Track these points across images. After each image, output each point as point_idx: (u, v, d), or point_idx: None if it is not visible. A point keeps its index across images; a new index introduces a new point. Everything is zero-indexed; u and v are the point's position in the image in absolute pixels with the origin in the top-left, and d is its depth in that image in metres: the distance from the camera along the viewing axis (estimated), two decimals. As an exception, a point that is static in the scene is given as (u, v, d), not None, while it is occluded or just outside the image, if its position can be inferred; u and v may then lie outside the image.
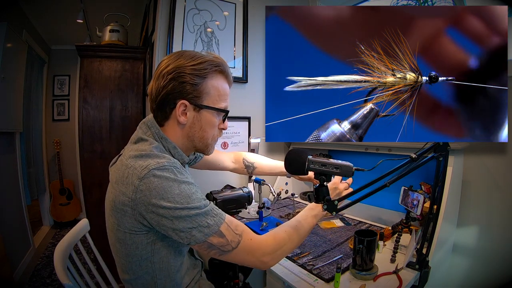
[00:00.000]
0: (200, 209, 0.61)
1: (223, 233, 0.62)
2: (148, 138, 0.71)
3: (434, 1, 1.38)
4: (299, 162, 0.73)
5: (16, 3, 2.19)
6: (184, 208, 0.59)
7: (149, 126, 0.72)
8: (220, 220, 0.63)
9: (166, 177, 0.60)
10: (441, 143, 0.74)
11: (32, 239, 2.45)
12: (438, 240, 0.92)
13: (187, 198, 0.60)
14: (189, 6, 1.52)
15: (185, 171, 0.66)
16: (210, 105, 0.71)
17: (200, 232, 0.60)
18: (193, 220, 0.60)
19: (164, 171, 0.61)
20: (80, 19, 2.24)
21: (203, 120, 0.72)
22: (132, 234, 0.64)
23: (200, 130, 0.73)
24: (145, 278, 0.70)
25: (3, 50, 1.87)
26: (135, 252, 0.66)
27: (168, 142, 0.72)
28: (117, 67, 1.91)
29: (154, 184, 0.59)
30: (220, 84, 0.73)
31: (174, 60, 0.69)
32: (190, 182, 0.64)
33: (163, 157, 0.64)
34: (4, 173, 2.05)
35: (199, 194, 0.64)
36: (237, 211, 0.93)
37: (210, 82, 0.70)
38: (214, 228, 0.61)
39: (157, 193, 0.58)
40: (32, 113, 2.74)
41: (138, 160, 0.63)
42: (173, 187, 0.60)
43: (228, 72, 0.75)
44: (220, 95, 0.73)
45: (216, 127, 0.76)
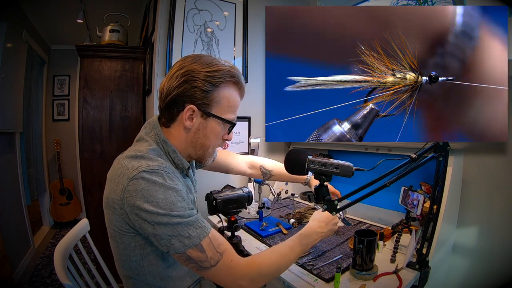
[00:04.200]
0: (183, 218, 0.59)
1: (203, 248, 0.60)
2: (148, 139, 0.70)
3: (434, 1, 1.38)
4: (299, 162, 0.73)
5: (16, 3, 2.19)
6: (166, 215, 0.57)
7: (153, 127, 0.72)
8: (203, 234, 0.61)
9: (154, 181, 0.59)
10: (441, 143, 0.74)
11: (32, 239, 2.45)
12: (438, 240, 0.92)
13: (171, 204, 0.59)
14: (189, 6, 1.52)
15: (176, 178, 0.65)
16: (218, 115, 0.70)
17: (179, 242, 0.58)
18: (174, 228, 0.58)
19: (154, 174, 0.60)
20: (80, 19, 2.24)
21: (208, 128, 0.71)
22: (121, 234, 0.65)
23: (203, 138, 0.72)
24: (136, 279, 0.70)
25: (3, 50, 1.87)
26: (125, 252, 0.67)
27: (168, 146, 0.71)
28: (117, 67, 1.91)
29: (141, 186, 0.58)
30: (231, 95, 0.72)
31: (190, 63, 0.68)
32: (178, 189, 0.62)
33: (156, 160, 0.64)
34: (4, 173, 2.05)
35: (185, 203, 0.62)
36: (237, 211, 0.93)
37: (222, 91, 0.70)
38: (195, 240, 0.59)
39: (142, 195, 0.58)
40: (32, 113, 2.74)
41: (132, 160, 0.63)
42: (159, 191, 0.59)
43: (242, 84, 0.74)
44: (230, 106, 0.72)
45: (220, 137, 0.75)
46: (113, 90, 1.89)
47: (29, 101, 2.59)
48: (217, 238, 0.63)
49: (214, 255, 0.60)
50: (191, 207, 0.63)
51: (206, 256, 0.60)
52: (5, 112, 2.00)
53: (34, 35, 2.62)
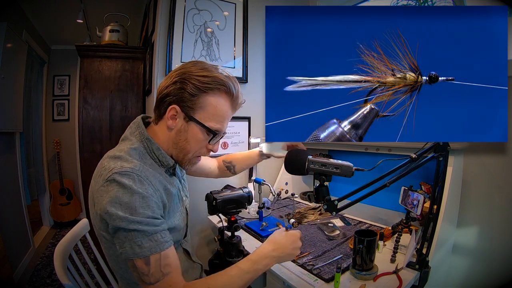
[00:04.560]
0: (141, 225, 0.58)
1: (150, 262, 0.58)
2: (132, 138, 0.71)
3: (434, 1, 1.38)
4: (299, 162, 0.73)
5: (16, 3, 2.19)
6: (124, 218, 0.57)
7: (137, 126, 0.73)
8: (156, 249, 0.59)
9: (123, 184, 0.59)
10: (441, 143, 0.74)
11: (32, 239, 2.45)
12: (438, 240, 0.92)
13: (132, 209, 0.58)
14: (189, 6, 1.52)
15: (149, 182, 0.63)
16: (200, 121, 0.69)
17: (131, 248, 0.58)
18: (129, 234, 0.58)
19: (124, 176, 0.60)
20: (80, 19, 2.23)
21: (189, 132, 0.70)
22: (100, 230, 0.65)
23: (184, 141, 0.71)
24: (125, 278, 0.71)
25: (3, 50, 1.87)
26: (109, 252, 0.68)
27: (152, 143, 0.71)
28: (117, 67, 1.91)
29: (110, 187, 0.59)
30: (219, 104, 0.70)
31: (190, 66, 0.69)
32: (146, 195, 0.60)
33: (131, 162, 0.64)
34: (4, 173, 2.05)
35: (149, 210, 0.60)
36: (237, 211, 0.93)
37: (210, 98, 0.69)
38: (145, 252, 0.58)
39: (109, 198, 0.58)
40: (32, 113, 2.74)
41: (111, 161, 0.64)
42: (125, 194, 0.58)
43: (236, 95, 0.72)
44: (216, 114, 0.70)
45: (203, 145, 0.73)
46: (113, 90, 1.89)
47: (29, 101, 2.59)
48: (168, 257, 0.61)
49: (156, 273, 0.59)
50: (156, 217, 0.61)
51: (148, 270, 0.58)
52: (5, 112, 2.00)
53: (34, 35, 2.62)
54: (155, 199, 0.63)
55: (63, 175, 3.04)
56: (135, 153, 0.68)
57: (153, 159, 0.72)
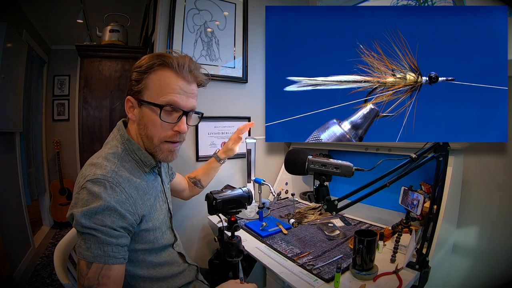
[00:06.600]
0: (95, 231, 0.58)
1: (91, 267, 0.58)
2: (114, 141, 0.73)
3: (434, 1, 1.38)
4: (299, 162, 0.73)
5: (16, 3, 2.19)
6: (79, 223, 0.58)
7: (119, 129, 0.75)
8: (100, 259, 0.58)
9: (92, 191, 0.60)
10: (441, 143, 0.74)
11: (32, 239, 2.45)
12: (438, 240, 0.92)
13: (91, 214, 0.58)
14: (189, 6, 1.52)
15: (121, 189, 0.63)
16: (149, 100, 0.68)
17: (80, 247, 0.59)
18: (83, 234, 0.59)
19: (95, 184, 0.60)
20: (80, 19, 2.24)
21: (145, 117, 0.70)
22: None
23: (144, 128, 0.71)
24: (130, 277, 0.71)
25: (3, 50, 1.87)
26: None
27: (132, 144, 0.72)
28: (117, 67, 1.92)
29: (81, 195, 0.60)
30: (162, 77, 0.68)
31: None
32: (112, 205, 0.60)
33: (104, 168, 0.64)
34: (4, 173, 2.05)
35: (109, 220, 0.59)
36: (237, 211, 0.93)
37: (151, 76, 0.69)
38: (89, 257, 0.58)
39: (81, 204, 0.59)
40: (32, 113, 2.73)
41: (88, 168, 0.65)
42: (91, 201, 0.59)
43: (175, 64, 0.68)
44: (161, 88, 0.68)
45: (166, 128, 0.70)
46: (113, 90, 1.90)
47: (29, 101, 2.59)
48: (110, 271, 0.59)
49: (92, 279, 0.58)
50: (115, 228, 0.60)
51: (86, 273, 0.58)
52: (5, 112, 1.99)
53: (34, 35, 2.62)
54: (126, 207, 0.63)
55: (63, 175, 3.04)
56: (113, 157, 0.68)
57: (135, 160, 0.72)
